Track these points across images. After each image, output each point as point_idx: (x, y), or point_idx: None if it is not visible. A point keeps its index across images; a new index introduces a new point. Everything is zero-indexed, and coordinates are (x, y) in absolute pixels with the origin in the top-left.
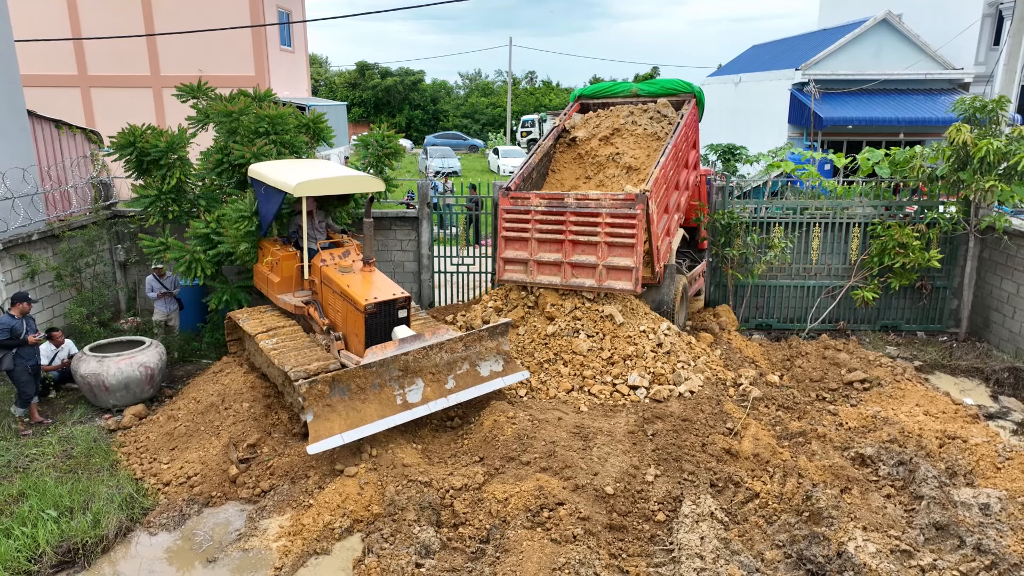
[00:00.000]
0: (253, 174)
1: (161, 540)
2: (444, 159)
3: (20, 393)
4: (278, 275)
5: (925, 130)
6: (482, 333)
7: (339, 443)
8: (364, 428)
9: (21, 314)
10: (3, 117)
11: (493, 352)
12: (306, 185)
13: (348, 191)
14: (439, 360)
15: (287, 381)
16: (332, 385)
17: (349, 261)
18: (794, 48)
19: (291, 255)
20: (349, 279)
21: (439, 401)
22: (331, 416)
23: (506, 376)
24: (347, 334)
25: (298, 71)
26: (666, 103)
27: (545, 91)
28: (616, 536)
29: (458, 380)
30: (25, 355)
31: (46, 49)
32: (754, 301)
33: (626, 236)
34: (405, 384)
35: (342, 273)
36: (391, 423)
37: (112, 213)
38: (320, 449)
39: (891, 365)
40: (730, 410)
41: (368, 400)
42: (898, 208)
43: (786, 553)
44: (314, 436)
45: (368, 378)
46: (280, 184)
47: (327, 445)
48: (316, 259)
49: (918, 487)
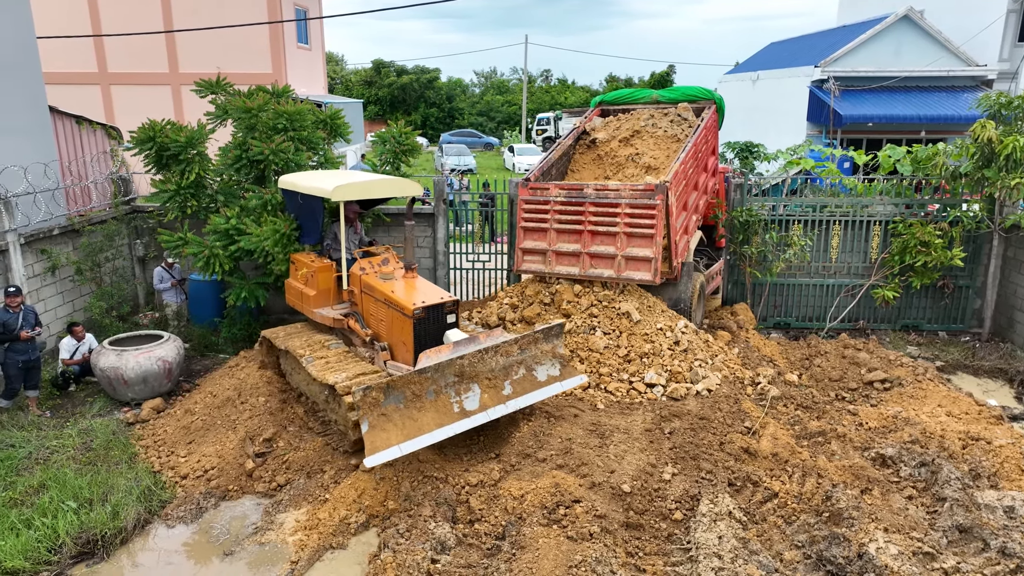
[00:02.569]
0: (286, 185)
1: (179, 533)
2: (460, 157)
3: (8, 387)
4: (314, 288)
5: (947, 128)
6: (537, 335)
7: (396, 455)
8: (422, 438)
9: (15, 308)
10: (25, 113)
11: (549, 355)
12: (344, 189)
13: (387, 195)
14: (495, 364)
15: (331, 397)
16: (387, 392)
17: (391, 268)
18: (813, 45)
19: (327, 267)
20: (392, 286)
21: (498, 408)
22: (387, 426)
23: (564, 381)
24: (393, 344)
25: (315, 69)
26: (686, 107)
27: (560, 89)
28: (633, 534)
29: (515, 385)
30: (18, 350)
31: (68, 47)
32: (772, 299)
33: (645, 226)
34: (461, 390)
35: (384, 280)
36: (450, 432)
37: (131, 208)
38: (377, 462)
39: (912, 365)
40: (748, 409)
41: (424, 408)
42: (920, 206)
43: (805, 554)
44: (370, 447)
45: (424, 384)
46: (316, 190)
47: (385, 457)
48: (355, 268)
49: (941, 489)
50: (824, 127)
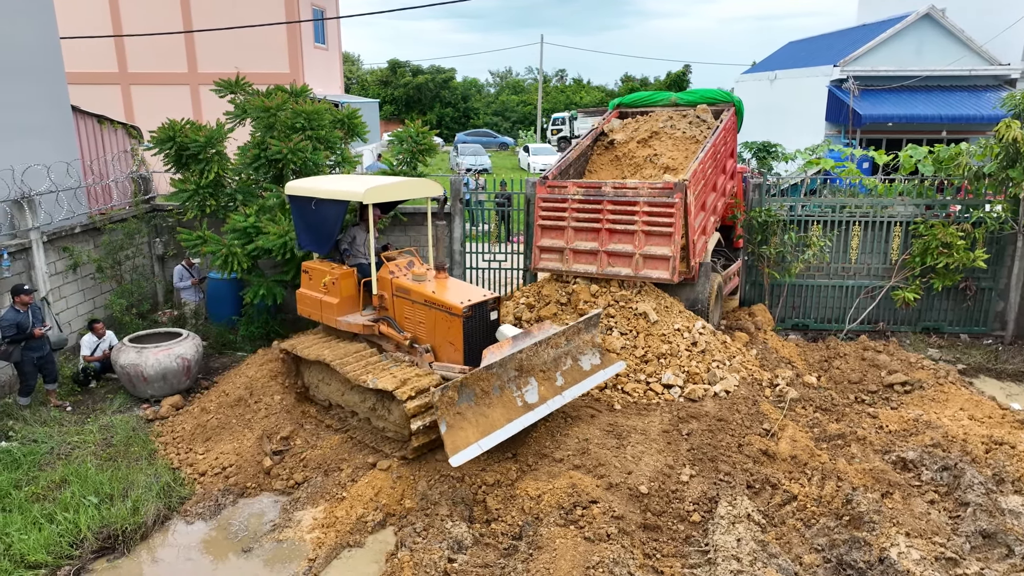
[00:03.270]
0: (297, 191)
1: (197, 529)
2: (475, 156)
3: (24, 385)
4: (336, 296)
5: (969, 128)
6: (579, 326)
7: (477, 452)
8: (497, 434)
9: (24, 307)
10: (49, 113)
11: (590, 345)
12: (375, 191)
13: (412, 196)
14: (547, 357)
15: (379, 404)
16: (460, 391)
17: (422, 270)
18: (832, 44)
19: (349, 273)
20: (430, 287)
21: (556, 399)
22: (463, 424)
23: (606, 369)
24: (436, 345)
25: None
26: (705, 109)
27: (576, 89)
28: (650, 536)
29: (565, 376)
30: (33, 347)
31: (90, 48)
32: (790, 301)
33: (664, 225)
34: (521, 384)
35: (419, 282)
36: (519, 426)
37: (151, 207)
38: (463, 460)
39: (933, 368)
40: (766, 411)
41: (493, 404)
42: (941, 207)
43: (825, 557)
44: (452, 447)
45: (491, 381)
46: (343, 193)
47: (468, 455)
48: (383, 272)
49: (963, 493)
50: (843, 127)
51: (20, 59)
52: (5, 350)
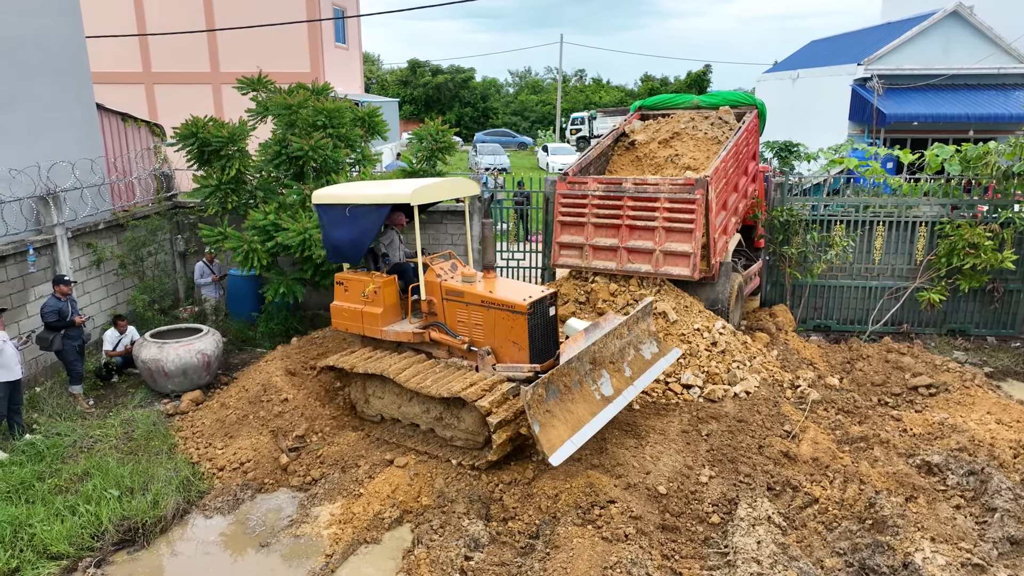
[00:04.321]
0: (328, 199)
1: (216, 523)
2: (494, 156)
3: (72, 372)
4: (380, 305)
5: (996, 127)
6: (638, 314)
7: (572, 449)
8: (586, 429)
9: (63, 296)
10: (74, 110)
11: (647, 333)
12: (421, 191)
13: (455, 195)
14: (614, 348)
15: (447, 412)
16: (547, 388)
17: (471, 271)
18: (855, 43)
19: (391, 280)
20: (485, 286)
21: (629, 390)
22: (553, 422)
23: (666, 356)
24: (497, 346)
25: (352, 68)
26: (728, 110)
27: (595, 89)
28: (669, 537)
29: (632, 367)
30: (73, 335)
31: (116, 49)
32: (812, 301)
33: (685, 221)
34: (596, 377)
35: (471, 283)
36: (603, 420)
37: (173, 204)
38: (562, 458)
39: (959, 370)
40: (787, 412)
41: (575, 399)
42: (968, 207)
43: (847, 562)
44: (548, 446)
45: (571, 376)
46: (386, 197)
47: (566, 453)
48: (430, 276)
49: (990, 499)
50: (866, 126)
51: (47, 58)
52: (46, 337)
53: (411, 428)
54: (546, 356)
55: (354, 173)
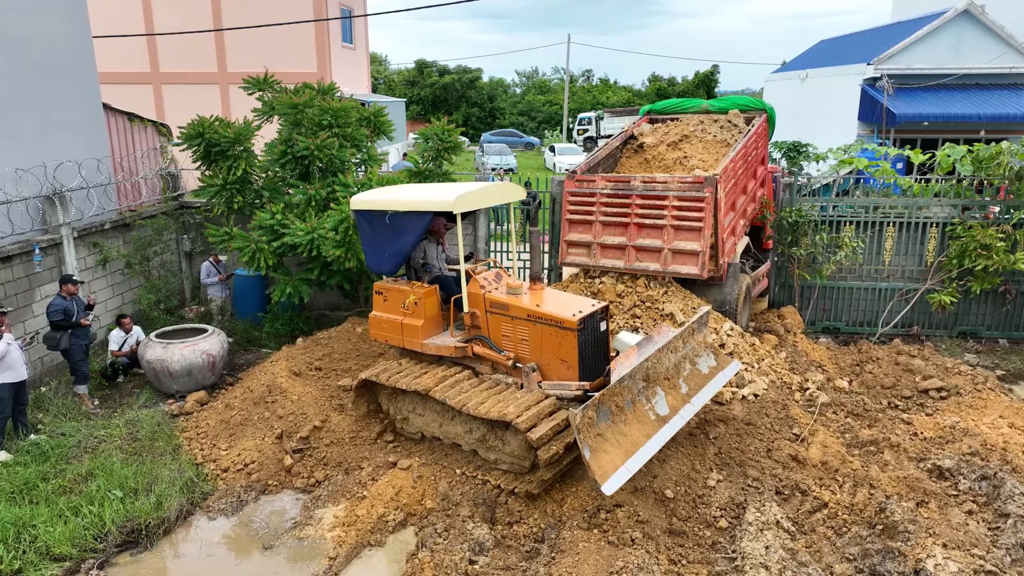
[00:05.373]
0: (367, 205)
1: (220, 525)
2: (500, 156)
3: (77, 372)
4: (420, 317)
5: (1008, 127)
6: (693, 326)
7: (627, 476)
8: (640, 453)
9: (69, 295)
10: (81, 110)
11: (703, 346)
12: (464, 198)
13: (500, 202)
14: (668, 363)
15: (491, 433)
16: (598, 410)
17: (517, 282)
18: (865, 42)
19: (433, 291)
20: (531, 299)
21: (686, 409)
22: (605, 447)
23: (724, 370)
24: (545, 362)
25: (359, 68)
26: (737, 114)
27: (602, 89)
28: (676, 541)
29: (688, 382)
30: (79, 335)
31: (123, 49)
32: (821, 303)
33: (693, 219)
34: (650, 395)
35: (516, 295)
36: (659, 443)
37: (179, 204)
38: (615, 487)
39: (971, 373)
40: (796, 415)
41: (628, 420)
42: (980, 207)
43: (857, 567)
44: (601, 473)
45: (623, 395)
46: (428, 204)
47: (619, 481)
48: (474, 287)
49: (1003, 504)
50: (876, 126)
51: (54, 58)
52: (53, 336)
53: (453, 447)
54: (596, 374)
55: (360, 173)
